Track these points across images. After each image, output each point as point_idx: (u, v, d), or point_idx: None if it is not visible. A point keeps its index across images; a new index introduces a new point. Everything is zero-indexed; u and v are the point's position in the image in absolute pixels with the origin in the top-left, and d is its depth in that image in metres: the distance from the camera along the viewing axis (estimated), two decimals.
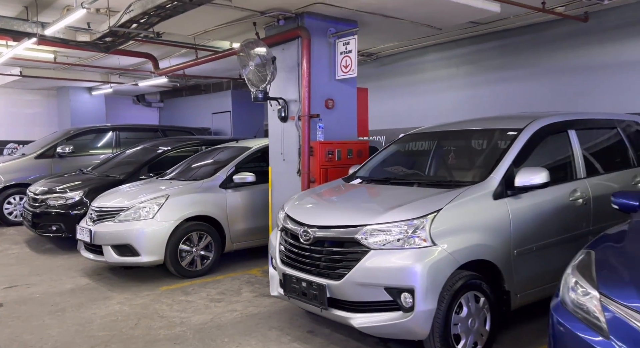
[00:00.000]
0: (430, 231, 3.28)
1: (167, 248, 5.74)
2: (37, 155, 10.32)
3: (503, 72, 7.91)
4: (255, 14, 5.49)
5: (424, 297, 3.15)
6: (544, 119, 4.26)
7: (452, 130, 4.79)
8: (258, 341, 3.97)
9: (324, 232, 3.58)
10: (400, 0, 5.23)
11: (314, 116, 5.63)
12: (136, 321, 4.48)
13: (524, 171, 3.69)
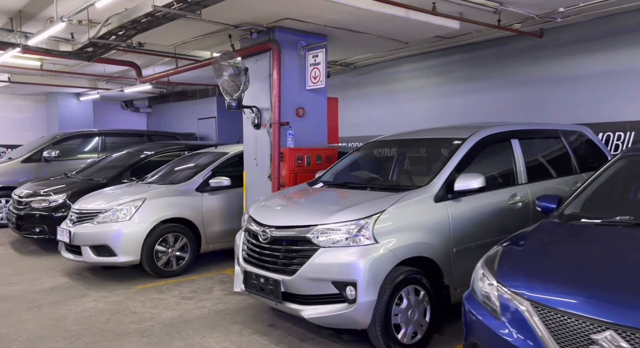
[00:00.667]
0: (374, 230, 3.60)
1: (143, 249, 6.00)
2: (24, 159, 10.52)
3: (469, 84, 8.29)
4: (229, 27, 5.81)
5: (365, 289, 3.46)
6: (487, 129, 4.61)
7: (408, 139, 5.12)
8: (221, 334, 4.25)
9: (280, 231, 3.88)
10: (362, 18, 5.57)
11: (284, 124, 5.96)
12: (109, 316, 4.74)
13: (463, 177, 4.02)
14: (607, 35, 6.51)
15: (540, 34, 6.82)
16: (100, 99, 14.96)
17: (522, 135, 4.81)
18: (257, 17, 5.54)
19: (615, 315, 2.04)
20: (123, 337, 4.20)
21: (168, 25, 5.45)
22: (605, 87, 6.58)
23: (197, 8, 4.40)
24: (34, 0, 5.58)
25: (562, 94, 7.01)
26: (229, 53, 5.80)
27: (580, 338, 2.10)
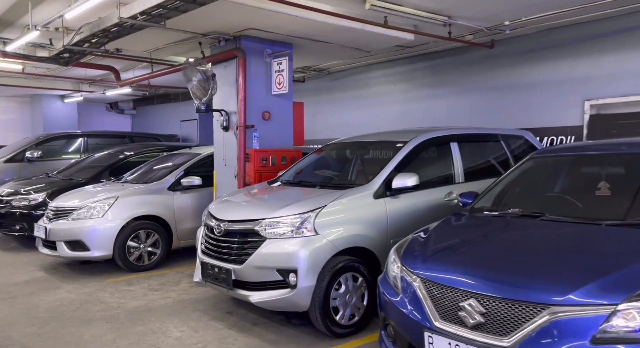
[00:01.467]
0: (315, 223, 3.96)
1: (116, 245, 6.29)
2: (6, 159, 10.73)
3: (431, 90, 8.71)
4: (198, 35, 6.15)
5: (305, 276, 3.82)
6: (427, 133, 5.00)
7: (360, 142, 5.50)
8: (180, 320, 4.58)
9: (232, 225, 4.23)
10: (322, 29, 5.95)
11: (249, 127, 6.30)
12: (78, 305, 5.05)
13: (400, 176, 4.40)
14: (551, 47, 6.95)
15: (491, 45, 7.25)
16: (85, 100, 15.18)
17: (460, 139, 5.20)
18: (223, 26, 5.88)
19: (476, 286, 2.44)
20: (89, 323, 4.52)
21: (139, 33, 5.78)
22: (549, 94, 7.01)
23: (160, 19, 4.74)
24: (11, 9, 5.87)
25: (512, 100, 7.45)
26: (198, 60, 6.14)
27: (452, 306, 2.49)
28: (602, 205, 3.15)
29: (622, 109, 6.24)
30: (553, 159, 3.74)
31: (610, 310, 2.12)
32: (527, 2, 5.59)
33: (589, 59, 6.53)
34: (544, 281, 2.34)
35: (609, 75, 6.36)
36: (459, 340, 2.42)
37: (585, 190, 3.34)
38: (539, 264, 2.52)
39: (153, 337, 4.16)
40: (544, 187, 3.60)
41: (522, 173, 3.71)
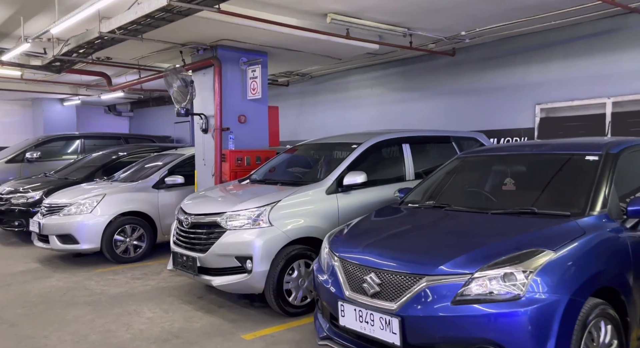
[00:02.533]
0: (269, 216, 4.42)
1: (103, 238, 6.76)
2: (8, 160, 11.24)
3: (404, 94, 9.15)
4: (177, 45, 6.61)
5: (259, 262, 4.28)
6: (381, 135, 5.45)
7: (324, 143, 5.94)
8: (155, 304, 5.03)
9: (198, 218, 4.70)
10: (291, 40, 6.40)
11: (225, 129, 6.77)
12: (65, 292, 5.52)
13: (350, 174, 4.85)
14: (507, 55, 7.38)
15: (453, 53, 7.69)
16: (84, 104, 15.66)
17: (412, 141, 5.64)
18: (198, 37, 6.35)
19: (375, 263, 2.91)
20: (73, 306, 4.98)
21: (123, 44, 6.23)
22: (505, 98, 7.45)
23: (137, 33, 5.20)
24: (6, 22, 6.34)
25: (474, 104, 7.88)
26: (177, 68, 6.61)
27: (358, 279, 2.96)
28: (500, 198, 3.60)
29: (568, 112, 6.67)
30: (474, 159, 4.19)
31: (468, 278, 2.58)
32: (475, 16, 6.03)
33: (539, 66, 6.97)
34: (424, 257, 2.81)
35: (556, 81, 6.79)
36: (362, 306, 2.88)
37: (495, 185, 3.79)
38: (425, 244, 3.00)
39: (128, 317, 4.62)
40: (463, 183, 4.05)
41: (448, 171, 4.16)
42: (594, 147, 3.46)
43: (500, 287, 2.53)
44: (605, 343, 2.69)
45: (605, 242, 2.83)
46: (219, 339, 4.02)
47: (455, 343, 2.57)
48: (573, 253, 2.64)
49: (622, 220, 2.99)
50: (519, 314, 2.44)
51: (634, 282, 2.85)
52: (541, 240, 2.72)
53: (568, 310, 2.46)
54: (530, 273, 2.51)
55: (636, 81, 5.96)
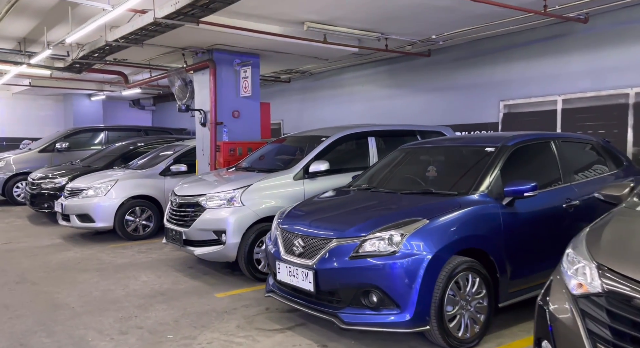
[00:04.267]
0: (241, 198, 5.22)
1: (116, 218, 7.71)
2: (40, 150, 12.43)
3: (390, 90, 9.79)
4: (178, 49, 7.45)
5: (232, 235, 5.09)
6: (348, 129, 6.15)
7: (302, 136, 6.69)
8: (151, 272, 5.92)
9: (184, 199, 5.55)
10: (277, 44, 7.16)
11: (219, 123, 7.59)
12: (80, 261, 6.48)
13: (315, 163, 5.58)
14: (476, 56, 7.93)
15: (428, 54, 8.28)
16: (109, 98, 16.84)
17: (378, 134, 6.32)
18: (195, 42, 7.17)
19: (301, 230, 3.68)
20: (84, 271, 5.92)
21: (132, 48, 7.12)
22: (475, 96, 8.01)
23: (137, 41, 6.04)
24: (34, 30, 7.30)
25: (448, 100, 8.47)
26: (178, 69, 7.47)
27: (291, 244, 3.73)
28: (419, 182, 4.27)
29: (526, 108, 7.20)
30: (410, 149, 4.86)
31: (362, 239, 3.31)
32: (437, 23, 6.64)
33: (504, 67, 7.51)
34: (335, 225, 3.56)
35: (517, 80, 7.32)
36: (291, 264, 3.65)
37: (422, 172, 4.47)
38: (340, 216, 3.75)
39: (126, 280, 5.51)
40: (397, 170, 4.72)
41: (390, 160, 4.86)
42: (495, 140, 4.11)
43: (383, 246, 3.25)
44: (472, 292, 3.38)
45: (479, 214, 3.51)
46: (196, 297, 4.86)
47: (351, 288, 3.32)
48: (443, 222, 3.34)
49: (501, 199, 3.65)
50: (393, 265, 3.17)
51: (505, 246, 3.52)
52: (423, 212, 3.42)
53: (432, 263, 3.18)
54: (404, 235, 3.23)
55: (582, 80, 6.46)
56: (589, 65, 6.47)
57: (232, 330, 3.89)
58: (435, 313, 3.20)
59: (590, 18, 6.16)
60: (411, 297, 3.15)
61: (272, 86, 13.21)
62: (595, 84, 6.38)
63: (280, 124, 13.59)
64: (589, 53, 6.46)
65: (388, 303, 3.22)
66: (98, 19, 5.11)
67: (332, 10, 5.99)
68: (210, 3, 4.21)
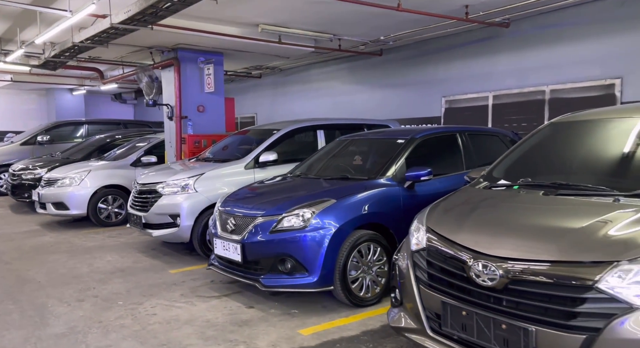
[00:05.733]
0: (195, 185, 5.72)
1: (89, 205, 8.16)
2: (22, 142, 12.75)
3: (352, 86, 10.31)
4: (144, 48, 7.88)
5: (185, 218, 5.59)
6: (297, 123, 6.66)
7: (259, 129, 7.18)
8: (116, 253, 6.40)
9: (144, 186, 6.03)
10: (234, 44, 7.62)
11: (184, 117, 8.05)
12: (52, 244, 6.94)
13: (264, 154, 6.08)
14: (422, 55, 8.48)
15: (380, 53, 8.79)
16: (90, 93, 17.12)
17: (326, 128, 6.84)
18: (160, 42, 7.61)
19: (234, 211, 4.22)
20: (55, 253, 6.39)
21: (102, 47, 7.52)
22: (422, 92, 8.58)
23: (102, 42, 6.47)
24: (8, 30, 7.67)
25: (399, 96, 9.02)
26: (145, 66, 7.90)
27: (225, 222, 4.25)
28: (344, 169, 4.81)
29: (463, 103, 7.77)
30: (344, 140, 5.38)
31: (280, 217, 3.85)
32: (380, 26, 7.14)
33: (445, 65, 8.06)
34: (260, 206, 4.09)
35: (456, 78, 7.88)
36: (225, 239, 4.18)
37: (350, 160, 5.00)
38: (267, 198, 4.27)
39: (92, 260, 6.00)
40: (330, 158, 5.24)
41: (327, 150, 5.39)
42: (407, 133, 4.66)
43: (297, 222, 3.79)
44: (374, 259, 3.95)
45: (382, 195, 4.06)
46: (152, 273, 5.36)
47: (271, 257, 3.86)
48: (348, 202, 3.89)
49: (403, 182, 4.21)
50: (303, 238, 3.72)
51: (404, 221, 4.06)
52: (333, 193, 3.97)
53: (335, 235, 3.73)
54: (314, 213, 3.77)
55: (508, 79, 7.03)
56: (513, 65, 7.04)
57: (175, 297, 4.42)
58: (339, 276, 3.76)
59: (512, 23, 6.72)
60: (317, 263, 3.70)
61: (245, 81, 13.65)
62: (519, 82, 6.96)
63: (254, 117, 14.05)
64: (513, 54, 7.03)
65: (299, 269, 3.77)
66: (61, 23, 5.54)
67: (282, 14, 6.47)
68: (158, 11, 4.68)
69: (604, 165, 2.73)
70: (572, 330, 1.92)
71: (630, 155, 2.64)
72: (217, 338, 3.45)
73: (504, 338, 2.12)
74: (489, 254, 2.24)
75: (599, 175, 2.68)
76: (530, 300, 2.07)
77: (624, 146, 2.69)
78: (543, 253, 2.09)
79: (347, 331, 3.50)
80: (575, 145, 3.02)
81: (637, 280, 1.84)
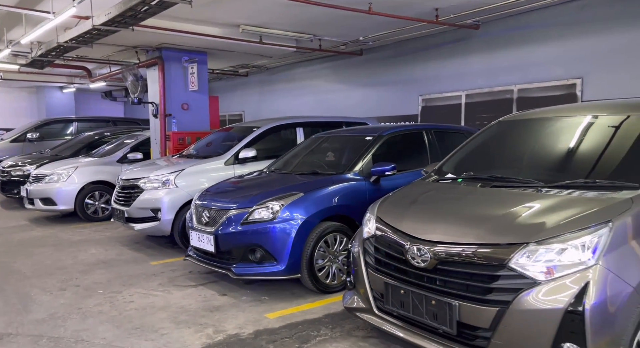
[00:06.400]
0: (175, 180, 5.92)
1: (76, 201, 8.34)
2: (12, 140, 12.85)
3: (334, 85, 10.54)
4: (129, 47, 8.05)
5: (166, 212, 5.79)
6: (276, 121, 6.87)
7: (241, 126, 7.37)
8: (101, 246, 6.59)
9: (126, 182, 6.23)
10: (217, 44, 7.80)
11: (167, 115, 8.24)
12: (40, 238, 7.10)
13: (244, 150, 6.29)
14: (401, 55, 8.71)
15: (360, 53, 9.02)
16: (80, 91, 17.21)
17: (305, 125, 7.06)
18: (144, 42, 7.78)
19: (208, 205, 4.43)
20: (41, 246, 6.56)
21: (88, 47, 7.68)
22: (400, 91, 8.81)
23: (86, 42, 6.64)
24: None
25: (379, 95, 9.26)
26: (130, 65, 8.07)
27: (200, 215, 4.48)
28: (317, 165, 5.03)
29: (439, 102, 8.02)
30: (319, 138, 5.61)
31: (251, 209, 4.06)
32: (355, 27, 7.35)
33: (422, 65, 8.31)
34: (234, 199, 4.30)
35: (433, 77, 8.13)
36: (200, 231, 4.39)
37: (323, 157, 5.23)
38: (241, 192, 4.47)
39: (77, 252, 6.19)
40: (304, 155, 5.46)
41: (303, 147, 5.62)
42: (375, 131, 4.90)
43: (266, 214, 4.01)
44: (340, 249, 4.18)
45: (349, 189, 4.30)
46: (133, 264, 5.56)
47: (242, 247, 4.08)
48: (315, 195, 4.12)
49: (369, 177, 4.44)
50: (272, 229, 3.94)
51: None
52: (302, 187, 4.19)
53: (302, 226, 3.96)
54: (283, 205, 3.99)
55: (480, 78, 7.28)
56: (484, 65, 7.30)
57: (154, 286, 4.62)
58: (306, 264, 3.99)
59: (482, 25, 6.97)
60: (285, 253, 3.93)
61: (233, 79, 13.82)
62: (489, 82, 7.21)
63: (242, 115, 14.23)
64: (484, 55, 7.29)
65: (268, 258, 3.99)
66: (44, 25, 5.70)
67: (261, 16, 6.67)
68: (137, 14, 4.87)
69: (536, 160, 2.97)
70: (488, 304, 2.16)
71: (556, 151, 2.88)
72: (188, 322, 3.67)
73: (434, 313, 2.36)
74: (422, 239, 2.47)
75: (530, 168, 2.92)
76: (455, 278, 2.31)
77: (554, 143, 2.94)
78: (467, 237, 2.33)
79: (311, 314, 3.73)
80: (515, 141, 3.26)
81: (540, 259, 2.09)
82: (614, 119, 2.80)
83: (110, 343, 3.34)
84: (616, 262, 1.99)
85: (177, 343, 3.30)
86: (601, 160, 2.60)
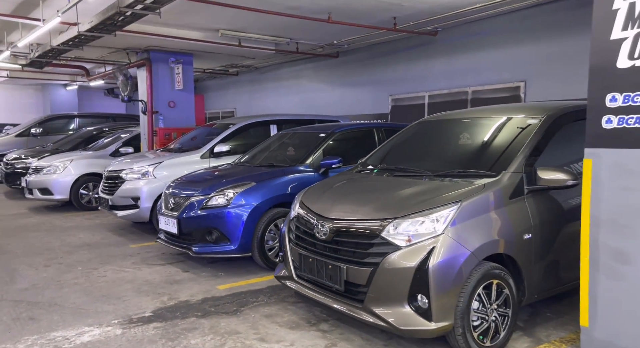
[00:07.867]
0: (154, 172, 6.40)
1: (72, 191, 8.85)
2: (17, 134, 13.41)
3: (315, 85, 10.99)
4: (120, 49, 8.54)
5: (145, 200, 6.28)
6: (252, 118, 7.33)
7: (222, 123, 7.84)
8: (89, 231, 7.09)
9: (110, 173, 6.73)
10: (201, 47, 8.27)
11: (155, 112, 8.72)
12: (35, 224, 7.62)
13: (219, 145, 6.77)
14: (372, 57, 9.14)
15: (337, 55, 9.45)
16: (84, 88, 17.76)
17: (279, 123, 7.51)
18: (133, 44, 8.26)
19: (176, 193, 4.91)
20: (36, 231, 7.08)
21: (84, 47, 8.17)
22: (373, 91, 9.25)
23: (77, 46, 7.13)
24: None
25: (355, 94, 9.71)
26: (120, 66, 8.55)
27: (168, 202, 4.95)
28: (278, 158, 5.48)
29: (406, 102, 8.45)
30: (284, 134, 6.06)
31: (209, 196, 4.54)
32: (328, 32, 7.77)
33: (391, 67, 8.74)
34: (195, 188, 4.76)
35: (401, 79, 8.56)
36: (167, 216, 4.87)
37: (285, 150, 5.69)
38: (203, 181, 4.94)
39: (66, 237, 6.69)
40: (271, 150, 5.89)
41: (270, 142, 6.07)
42: (329, 128, 5.35)
43: (222, 200, 4.49)
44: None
45: (298, 180, 4.76)
46: (114, 247, 6.06)
47: (200, 230, 4.56)
48: (266, 185, 4.59)
49: (318, 169, 4.90)
50: (227, 213, 4.41)
51: None
52: (257, 177, 4.67)
53: (253, 211, 4.43)
54: (236, 193, 4.46)
55: (441, 80, 7.70)
56: (444, 68, 7.72)
57: (127, 265, 5.12)
58: (257, 245, 4.47)
59: (440, 32, 7.39)
60: (237, 234, 4.41)
61: (225, 78, 14.29)
62: (448, 84, 7.63)
63: (234, 112, 14.71)
64: (443, 59, 7.71)
65: (223, 239, 4.47)
66: (36, 31, 6.19)
67: (238, 22, 7.12)
68: (116, 22, 5.34)
69: (433, 154, 3.43)
70: (365, 266, 2.63)
71: (449, 146, 3.33)
72: (148, 292, 4.16)
73: (330, 275, 2.84)
74: (325, 216, 2.94)
75: (428, 161, 3.38)
76: (345, 247, 2.78)
77: (449, 140, 3.39)
78: (356, 214, 2.79)
79: (256, 286, 4.21)
80: (427, 139, 3.72)
81: (402, 231, 2.55)
82: (499, 120, 3.25)
83: (79, 306, 3.84)
84: (459, 232, 2.45)
85: (134, 307, 3.79)
86: (478, 153, 3.05)
